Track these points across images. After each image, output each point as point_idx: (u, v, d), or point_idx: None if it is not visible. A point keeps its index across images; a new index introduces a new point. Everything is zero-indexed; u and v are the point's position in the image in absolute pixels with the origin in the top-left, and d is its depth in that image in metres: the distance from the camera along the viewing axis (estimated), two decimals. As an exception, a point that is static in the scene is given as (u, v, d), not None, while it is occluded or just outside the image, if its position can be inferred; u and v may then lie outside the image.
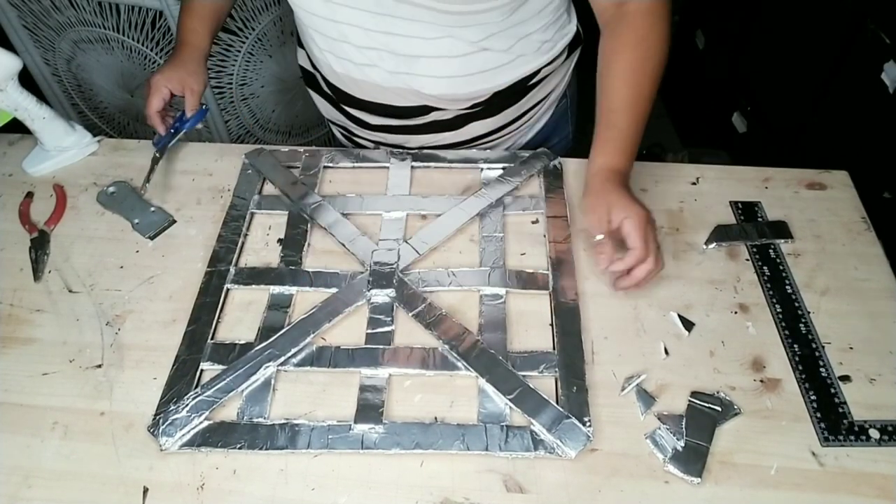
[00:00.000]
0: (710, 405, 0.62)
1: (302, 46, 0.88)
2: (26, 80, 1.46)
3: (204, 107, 0.86)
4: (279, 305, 0.70)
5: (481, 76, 0.79)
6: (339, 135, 1.00)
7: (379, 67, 0.77)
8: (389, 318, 0.69)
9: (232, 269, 0.73)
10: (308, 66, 0.89)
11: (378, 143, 0.90)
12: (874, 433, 0.60)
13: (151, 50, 1.33)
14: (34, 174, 0.85)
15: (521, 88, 0.82)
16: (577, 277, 0.72)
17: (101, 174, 0.85)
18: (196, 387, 0.63)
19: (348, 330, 0.68)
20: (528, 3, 0.73)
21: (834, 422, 0.61)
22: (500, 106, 0.83)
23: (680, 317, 0.69)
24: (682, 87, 2.12)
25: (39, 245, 0.76)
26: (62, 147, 0.85)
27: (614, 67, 0.73)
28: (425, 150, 0.87)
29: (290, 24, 1.35)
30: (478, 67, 0.78)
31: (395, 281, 0.71)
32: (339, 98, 0.86)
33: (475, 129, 0.86)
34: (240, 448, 0.59)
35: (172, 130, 0.84)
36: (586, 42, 0.87)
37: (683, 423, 0.61)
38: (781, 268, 0.74)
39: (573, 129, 0.98)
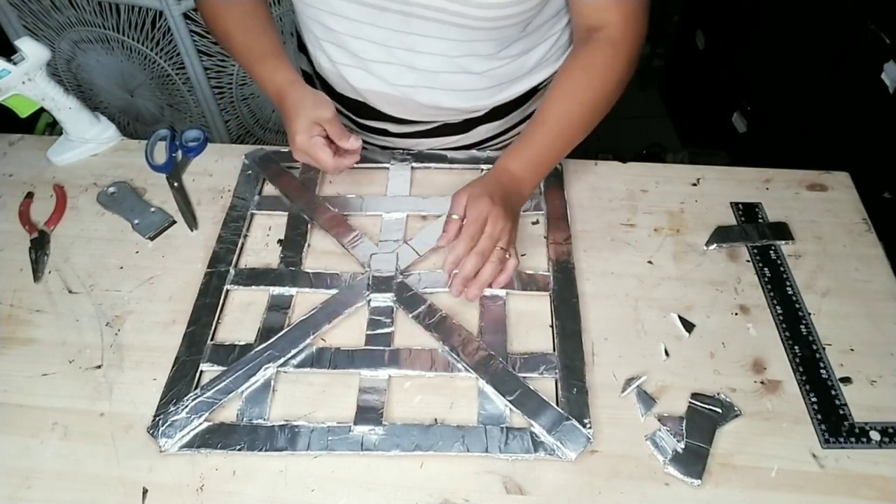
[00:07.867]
0: (711, 407, 0.62)
1: (303, 52, 0.87)
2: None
3: (205, 135, 0.88)
4: (279, 306, 0.70)
5: (500, 87, 0.80)
6: None
7: (397, 83, 0.77)
8: (389, 320, 0.69)
9: (232, 270, 0.73)
10: (310, 71, 0.88)
11: (383, 147, 0.90)
12: (875, 435, 0.60)
13: (151, 50, 1.33)
14: (59, 163, 0.86)
15: (527, 93, 0.83)
16: (577, 278, 0.72)
17: (101, 174, 0.84)
18: (196, 388, 0.63)
19: (348, 331, 0.68)
20: (545, 10, 0.73)
21: (834, 424, 0.61)
22: (505, 110, 0.83)
23: (680, 318, 0.69)
24: (682, 87, 2.12)
25: (39, 245, 0.76)
26: (86, 138, 0.86)
27: (558, 84, 0.73)
28: (426, 151, 0.86)
29: (290, 24, 1.35)
30: (498, 79, 0.78)
31: (395, 283, 0.71)
32: (348, 107, 0.85)
33: (482, 133, 0.86)
34: (239, 449, 0.59)
35: (172, 155, 0.86)
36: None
37: (684, 425, 0.61)
38: (782, 269, 0.74)
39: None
